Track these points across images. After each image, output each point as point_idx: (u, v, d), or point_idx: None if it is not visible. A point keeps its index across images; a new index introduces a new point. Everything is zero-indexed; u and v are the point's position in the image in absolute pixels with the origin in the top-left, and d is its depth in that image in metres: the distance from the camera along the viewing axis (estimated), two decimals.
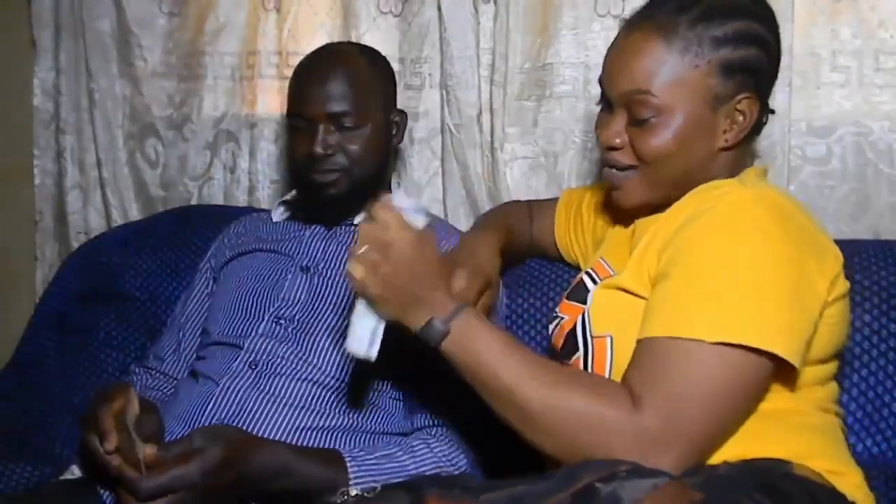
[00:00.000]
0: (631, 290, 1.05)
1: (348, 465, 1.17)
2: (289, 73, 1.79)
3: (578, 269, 1.32)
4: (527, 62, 1.65)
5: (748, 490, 0.86)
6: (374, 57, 1.45)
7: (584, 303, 1.13)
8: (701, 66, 1.05)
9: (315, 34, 1.79)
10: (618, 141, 1.10)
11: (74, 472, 1.28)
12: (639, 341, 0.99)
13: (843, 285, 1.04)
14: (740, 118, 1.08)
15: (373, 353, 1.04)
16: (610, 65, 1.11)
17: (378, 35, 1.73)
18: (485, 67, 1.66)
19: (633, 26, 1.09)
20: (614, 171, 1.13)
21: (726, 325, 0.94)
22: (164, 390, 1.43)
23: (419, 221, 1.04)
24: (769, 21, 1.10)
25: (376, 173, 1.40)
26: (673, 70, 1.05)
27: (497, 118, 1.65)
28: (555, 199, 1.46)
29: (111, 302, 1.71)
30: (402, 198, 1.05)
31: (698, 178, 1.08)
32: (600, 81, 1.13)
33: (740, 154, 1.12)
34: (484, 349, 1.00)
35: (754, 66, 1.08)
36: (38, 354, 1.67)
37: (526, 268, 1.51)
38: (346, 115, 1.36)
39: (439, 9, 1.67)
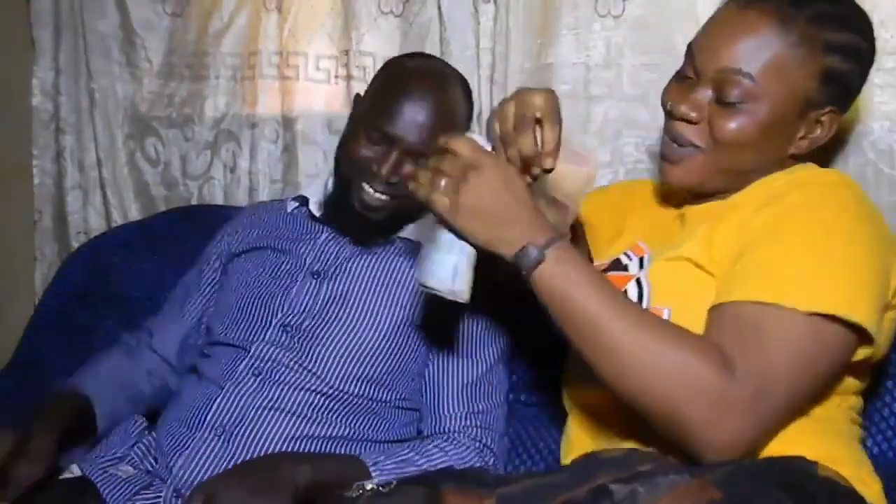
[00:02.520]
0: (699, 263, 1.01)
1: (371, 470, 1.16)
2: (289, 73, 1.81)
3: None
4: (527, 62, 1.65)
5: (770, 488, 0.84)
6: (465, 89, 1.39)
7: (627, 271, 1.09)
8: (806, 66, 1.01)
9: (316, 34, 1.79)
10: (694, 115, 1.05)
11: (74, 471, 1.28)
12: (721, 305, 0.95)
13: None
14: (818, 130, 1.05)
15: (457, 288, 0.97)
16: (713, 36, 1.05)
17: (379, 35, 1.73)
18: (485, 67, 1.66)
19: (748, 4, 1.03)
20: (676, 145, 1.07)
21: (821, 295, 0.91)
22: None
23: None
24: (872, 42, 1.07)
25: (417, 207, 1.24)
26: (779, 60, 1.01)
27: None
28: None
29: (111, 302, 1.71)
30: (474, 133, 0.99)
31: (756, 177, 1.05)
32: (690, 48, 1.08)
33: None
34: (577, 280, 0.93)
35: (849, 83, 1.05)
36: (38, 354, 1.67)
37: None
38: (426, 155, 1.24)
39: (440, 9, 1.67)
